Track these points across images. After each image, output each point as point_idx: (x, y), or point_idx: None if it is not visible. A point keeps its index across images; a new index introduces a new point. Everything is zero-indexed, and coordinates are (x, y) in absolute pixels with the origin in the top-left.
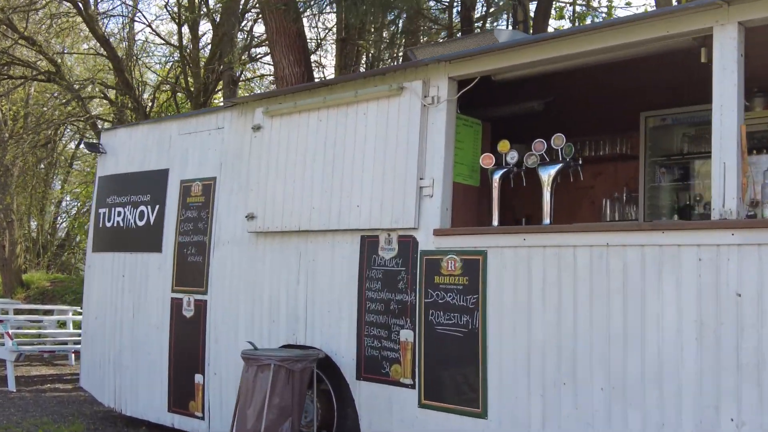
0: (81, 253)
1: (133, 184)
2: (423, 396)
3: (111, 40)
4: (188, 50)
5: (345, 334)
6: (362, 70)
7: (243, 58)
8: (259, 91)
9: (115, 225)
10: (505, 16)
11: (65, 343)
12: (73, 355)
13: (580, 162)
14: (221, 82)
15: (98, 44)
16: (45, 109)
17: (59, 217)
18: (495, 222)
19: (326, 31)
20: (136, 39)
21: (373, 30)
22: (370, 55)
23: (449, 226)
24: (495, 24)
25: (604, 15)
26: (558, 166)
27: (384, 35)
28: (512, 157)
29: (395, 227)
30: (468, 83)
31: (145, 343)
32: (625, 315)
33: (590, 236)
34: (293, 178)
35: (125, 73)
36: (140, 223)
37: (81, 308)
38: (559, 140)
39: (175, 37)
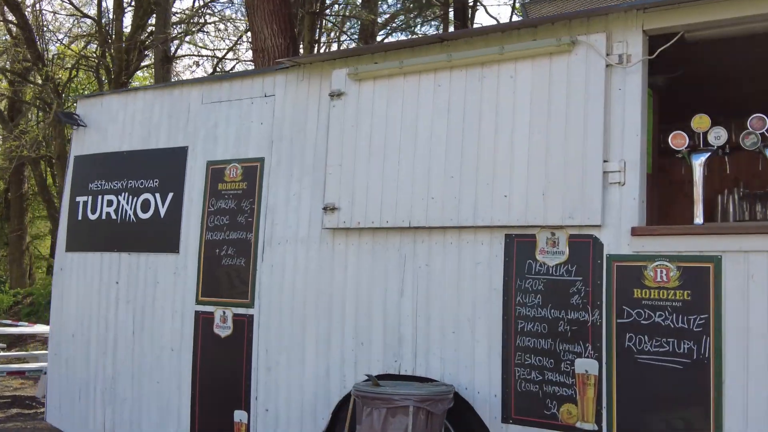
0: None
1: (132, 166)
2: None
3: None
4: (105, 23)
5: (482, 362)
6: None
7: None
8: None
9: (103, 217)
10: None
11: None
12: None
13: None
14: (152, 57)
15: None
16: None
17: None
18: (698, 219)
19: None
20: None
21: None
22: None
23: (645, 224)
24: None
25: None
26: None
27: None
28: (717, 136)
29: (565, 224)
30: (656, 40)
31: (154, 368)
32: None
33: None
34: (396, 158)
35: (37, 45)
36: (144, 216)
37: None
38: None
39: (94, 10)
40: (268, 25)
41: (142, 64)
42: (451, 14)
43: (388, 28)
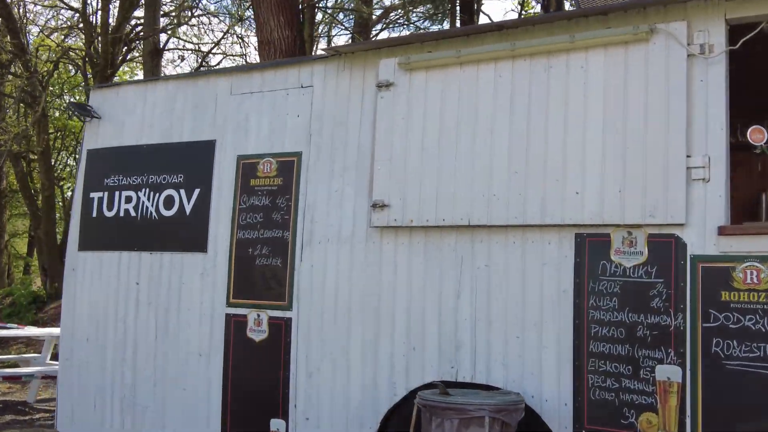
0: None
1: (153, 160)
2: None
3: None
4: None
5: (550, 368)
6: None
7: (168, 22)
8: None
9: (121, 215)
10: None
11: None
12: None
13: None
14: (141, 50)
15: None
16: None
17: None
18: None
19: None
20: None
21: None
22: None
23: (730, 222)
24: None
25: None
26: None
27: None
28: None
29: (645, 223)
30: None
31: (180, 374)
32: None
33: None
34: (454, 153)
35: (20, 35)
36: (167, 213)
37: None
38: None
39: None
40: (275, 16)
41: (129, 57)
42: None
43: (383, 22)
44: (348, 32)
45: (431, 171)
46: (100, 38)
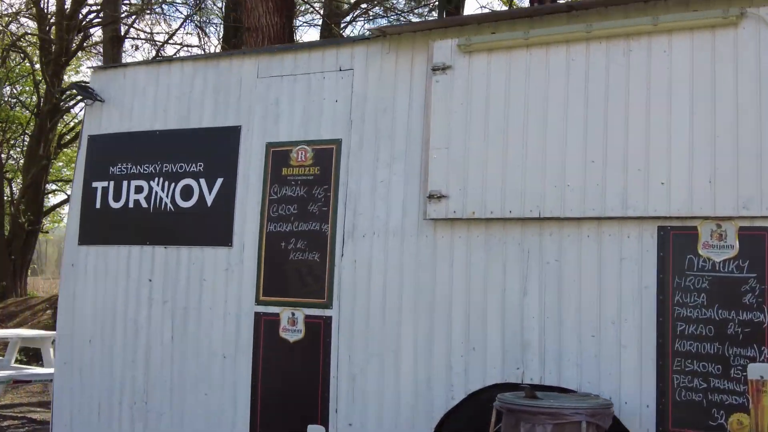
0: None
1: (168, 147)
2: None
3: None
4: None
5: (630, 369)
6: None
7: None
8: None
9: (130, 206)
10: None
11: None
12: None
13: None
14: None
15: None
16: None
17: None
18: None
19: None
20: None
21: None
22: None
23: None
24: None
25: None
26: None
27: None
28: None
29: (736, 215)
30: None
31: (200, 378)
32: None
33: None
34: (522, 141)
35: None
36: (185, 204)
37: None
38: None
39: None
40: (263, 2)
41: (86, 44)
42: None
43: (360, 9)
44: (323, 19)
45: (496, 159)
46: (54, 26)
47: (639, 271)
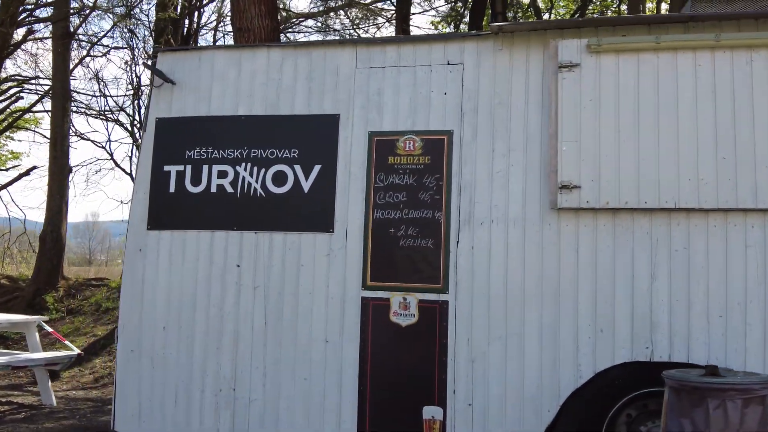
0: None
1: (256, 132)
2: None
3: None
4: None
5: (755, 346)
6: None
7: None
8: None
9: (213, 190)
10: None
11: None
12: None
13: None
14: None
15: None
16: None
17: None
18: None
19: None
20: None
21: None
22: None
23: None
24: None
25: None
26: None
27: None
28: None
29: None
30: None
31: (299, 363)
32: None
33: None
34: (654, 137)
35: None
36: (278, 190)
37: None
38: None
39: None
40: (256, 5)
41: (30, 38)
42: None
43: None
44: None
45: (628, 153)
46: None
47: (764, 258)
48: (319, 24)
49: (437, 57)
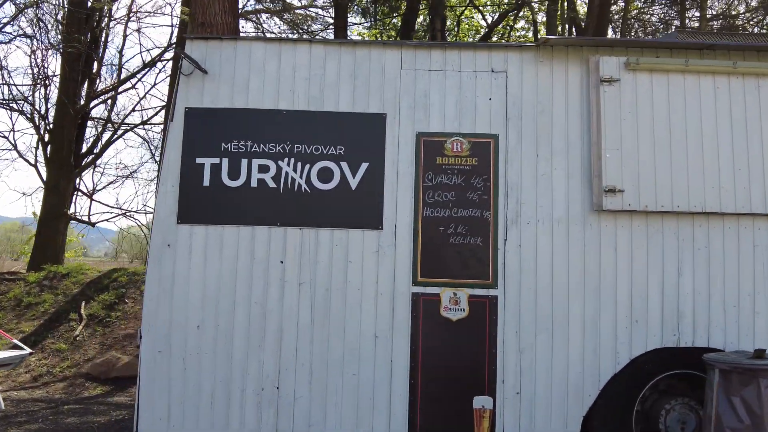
0: None
1: (299, 128)
2: None
3: None
4: None
5: (762, 331)
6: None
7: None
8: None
9: (253, 185)
10: None
11: None
12: None
13: None
14: None
15: None
16: None
17: None
18: None
19: None
20: None
21: None
22: None
23: None
24: None
25: None
26: None
27: None
28: None
29: None
30: None
31: (348, 359)
32: None
33: None
34: (684, 149)
35: None
36: (324, 186)
37: None
38: None
39: None
40: (220, 1)
41: None
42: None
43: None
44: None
45: (664, 162)
46: None
47: None
48: (256, 25)
49: (482, 64)
